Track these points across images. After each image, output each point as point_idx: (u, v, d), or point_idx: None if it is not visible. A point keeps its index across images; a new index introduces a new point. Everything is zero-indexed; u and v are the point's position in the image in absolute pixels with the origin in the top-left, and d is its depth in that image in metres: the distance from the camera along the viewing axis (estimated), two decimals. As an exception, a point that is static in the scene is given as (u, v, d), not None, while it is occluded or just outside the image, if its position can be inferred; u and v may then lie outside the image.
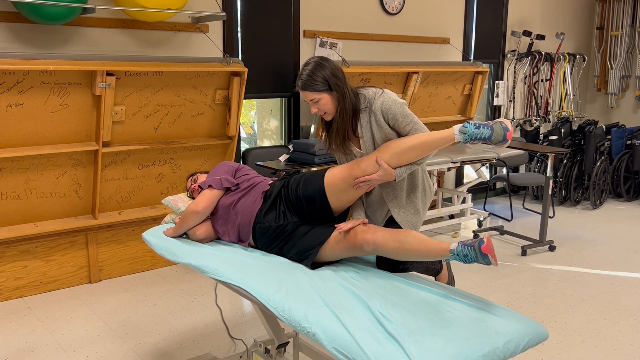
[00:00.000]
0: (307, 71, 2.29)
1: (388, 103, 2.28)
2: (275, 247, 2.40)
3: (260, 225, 2.41)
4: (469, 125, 2.07)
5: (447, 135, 2.14)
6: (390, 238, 2.13)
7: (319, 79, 2.27)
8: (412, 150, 2.19)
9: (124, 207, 4.14)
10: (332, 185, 2.29)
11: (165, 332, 3.31)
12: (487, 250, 1.89)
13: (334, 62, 2.35)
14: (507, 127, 2.01)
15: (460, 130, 2.09)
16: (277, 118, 5.18)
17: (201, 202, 2.50)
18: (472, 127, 2.06)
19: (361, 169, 2.24)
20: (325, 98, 2.29)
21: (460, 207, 5.42)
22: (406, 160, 2.21)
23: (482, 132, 2.04)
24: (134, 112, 3.89)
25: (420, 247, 2.06)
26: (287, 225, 2.35)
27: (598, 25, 7.46)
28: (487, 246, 1.89)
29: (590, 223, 5.78)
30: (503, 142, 2.02)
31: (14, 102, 3.45)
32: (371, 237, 2.16)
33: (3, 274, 3.72)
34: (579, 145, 6.51)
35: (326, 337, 1.77)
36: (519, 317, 1.93)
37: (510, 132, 2.01)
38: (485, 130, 2.04)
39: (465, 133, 2.06)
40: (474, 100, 5.82)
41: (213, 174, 2.61)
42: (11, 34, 3.62)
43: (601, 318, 3.54)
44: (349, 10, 5.14)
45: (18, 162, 3.60)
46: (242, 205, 2.49)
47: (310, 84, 2.27)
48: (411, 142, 2.19)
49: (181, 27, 4.23)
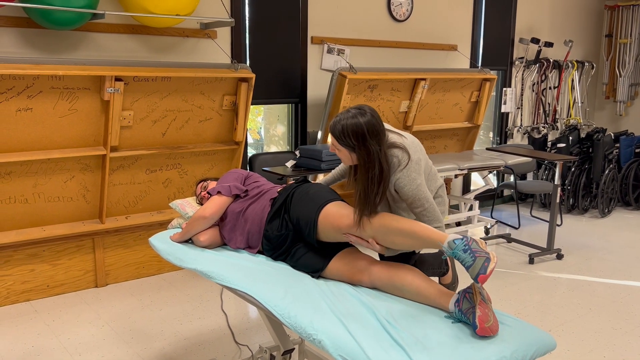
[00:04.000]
0: (343, 122, 2.14)
1: (403, 182, 2.18)
2: (279, 257, 2.40)
3: (266, 233, 2.41)
4: (459, 243, 1.89)
5: (437, 239, 1.96)
6: (387, 283, 2.09)
7: (347, 135, 2.12)
8: (400, 235, 2.03)
9: (131, 212, 4.15)
10: (324, 224, 2.22)
11: (170, 337, 3.30)
12: (482, 332, 1.77)
13: (375, 121, 2.14)
14: (486, 268, 1.82)
15: (449, 244, 1.91)
16: (284, 124, 5.19)
17: (209, 208, 2.50)
18: (461, 246, 1.87)
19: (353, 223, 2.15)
20: (344, 153, 2.19)
21: (467, 214, 5.40)
22: (390, 242, 2.07)
23: (464, 259, 1.85)
24: (142, 117, 3.90)
25: (418, 298, 2.02)
26: (289, 234, 2.34)
27: (607, 32, 7.44)
28: (481, 329, 1.77)
29: (599, 231, 5.74)
30: (475, 281, 1.83)
31: (23, 106, 3.47)
32: (368, 280, 2.14)
33: (10, 278, 3.74)
34: (587, 153, 6.47)
35: (332, 344, 1.76)
36: (526, 326, 1.91)
37: (484, 276, 1.80)
38: (469, 258, 1.84)
39: (452, 249, 1.89)
40: (481, 107, 5.81)
41: (222, 181, 2.61)
42: (21, 39, 3.65)
43: (610, 328, 3.51)
44: (356, 16, 5.15)
45: (26, 166, 3.62)
46: (252, 211, 2.49)
47: (338, 135, 2.16)
48: (403, 226, 2.03)
49: (189, 33, 4.25)
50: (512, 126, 6.76)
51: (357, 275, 2.16)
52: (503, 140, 6.75)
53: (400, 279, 2.06)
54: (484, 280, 1.80)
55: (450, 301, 1.94)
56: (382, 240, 2.09)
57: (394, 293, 2.09)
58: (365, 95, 4.89)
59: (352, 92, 4.75)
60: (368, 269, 2.15)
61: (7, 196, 3.63)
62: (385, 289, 2.12)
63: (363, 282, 2.16)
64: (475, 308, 1.82)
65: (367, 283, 2.15)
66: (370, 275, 2.13)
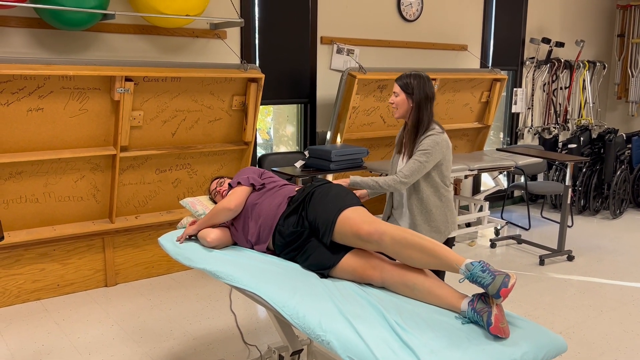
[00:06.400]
0: (408, 73, 2.79)
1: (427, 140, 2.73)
2: (290, 253, 2.39)
3: (279, 228, 2.40)
4: (477, 265, 1.92)
5: (455, 260, 1.98)
6: (399, 281, 2.07)
7: (406, 82, 2.76)
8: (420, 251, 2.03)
9: (141, 212, 4.16)
10: (343, 227, 2.22)
11: (180, 336, 3.31)
12: (496, 331, 1.76)
13: (430, 84, 2.80)
14: (507, 283, 1.84)
15: (467, 266, 1.94)
16: (294, 124, 5.18)
17: (234, 200, 2.51)
18: (479, 268, 1.91)
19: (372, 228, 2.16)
20: (402, 97, 2.78)
21: (477, 215, 5.37)
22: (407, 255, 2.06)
23: (483, 278, 1.87)
24: (151, 117, 3.92)
25: (429, 298, 2.00)
26: (304, 231, 2.34)
27: (619, 32, 7.37)
28: (495, 327, 1.76)
29: (610, 233, 5.69)
30: (496, 296, 1.84)
31: (34, 106, 3.50)
32: (379, 276, 2.12)
33: (21, 277, 3.76)
34: (599, 153, 6.42)
35: (341, 345, 1.75)
36: (536, 328, 1.89)
37: (506, 289, 1.83)
38: (488, 277, 1.87)
39: (470, 271, 1.92)
40: (491, 107, 5.77)
41: (240, 176, 2.63)
42: (33, 39, 3.68)
43: (621, 330, 3.47)
44: (366, 16, 5.14)
45: (37, 166, 3.65)
46: (267, 205, 2.50)
47: (401, 80, 2.77)
48: (424, 243, 2.03)
49: (199, 33, 4.26)
50: (523, 126, 6.72)
51: (369, 271, 2.14)
52: (513, 140, 6.71)
53: (412, 278, 2.05)
54: (506, 294, 1.83)
55: (464, 301, 1.93)
56: (398, 254, 2.08)
57: (404, 292, 2.07)
58: (374, 96, 4.88)
59: (362, 92, 4.74)
60: (381, 265, 2.13)
61: (18, 196, 3.65)
62: (395, 288, 2.10)
63: (374, 279, 2.13)
64: (491, 308, 1.81)
65: (377, 280, 2.13)
66: (383, 272, 2.11)
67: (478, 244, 5.26)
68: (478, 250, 5.06)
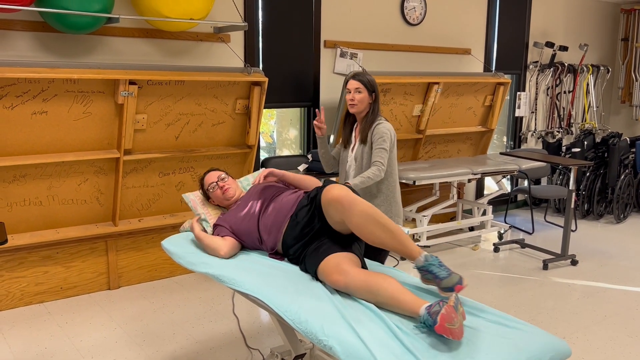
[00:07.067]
0: (361, 72, 3.15)
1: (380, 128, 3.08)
2: (298, 249, 2.37)
3: (292, 220, 2.41)
4: (435, 259, 2.07)
5: (414, 249, 2.10)
6: (363, 286, 2.04)
7: (368, 80, 3.10)
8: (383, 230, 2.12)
9: (144, 215, 4.17)
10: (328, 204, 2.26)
11: (182, 340, 3.31)
12: (441, 330, 1.75)
13: None
14: (462, 282, 2.00)
15: (426, 257, 2.08)
16: (297, 127, 5.19)
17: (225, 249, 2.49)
18: (437, 262, 2.07)
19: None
20: (364, 94, 3.08)
21: (480, 219, 5.36)
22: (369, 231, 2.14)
23: (438, 271, 2.03)
24: (155, 120, 3.92)
25: (392, 303, 1.99)
26: (315, 226, 2.34)
27: (623, 36, 7.36)
28: (440, 326, 1.75)
29: (614, 237, 5.67)
30: (449, 290, 1.99)
31: (39, 109, 3.51)
32: (343, 281, 2.09)
33: (24, 279, 3.77)
34: (603, 158, 6.40)
35: (343, 350, 1.75)
36: (540, 333, 1.89)
37: (461, 286, 2.00)
38: (443, 272, 2.03)
39: (428, 261, 2.06)
40: (495, 111, 5.77)
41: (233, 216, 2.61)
42: (37, 43, 3.69)
43: (625, 336, 3.46)
44: (369, 20, 5.15)
45: (41, 169, 3.66)
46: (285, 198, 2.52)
47: (362, 77, 3.09)
48: (390, 224, 2.13)
49: (203, 37, 4.27)
50: (526, 130, 6.71)
51: (335, 275, 2.11)
52: (517, 144, 6.70)
53: (376, 283, 2.02)
54: (460, 290, 2.00)
55: (423, 306, 1.89)
56: (361, 226, 2.13)
57: (367, 298, 2.03)
58: (378, 99, 4.88)
59: (365, 96, 4.74)
60: (347, 271, 2.10)
61: (22, 198, 3.66)
62: (357, 294, 2.05)
63: (338, 284, 2.09)
64: (442, 309, 1.78)
65: (341, 285, 2.09)
66: (347, 277, 2.08)
67: (481, 248, 5.25)
68: (481, 255, 5.05)
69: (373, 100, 3.13)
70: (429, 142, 5.59)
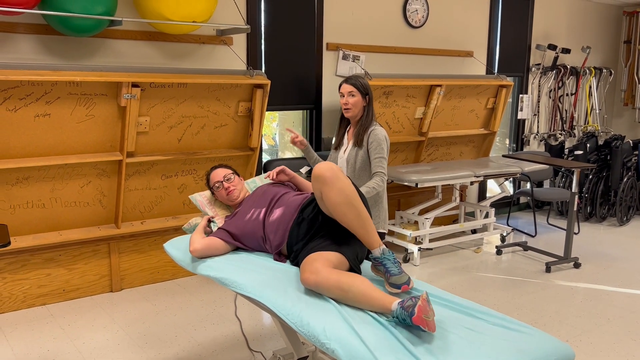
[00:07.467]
0: (354, 75, 3.20)
1: (377, 135, 3.15)
2: (302, 242, 2.37)
3: (298, 217, 2.42)
4: (392, 256, 2.15)
5: (376, 239, 2.18)
6: (334, 284, 2.03)
7: (361, 83, 3.15)
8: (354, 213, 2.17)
9: (147, 217, 4.17)
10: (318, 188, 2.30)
11: (184, 342, 3.31)
12: (418, 321, 1.79)
13: None
14: (409, 282, 2.09)
15: (384, 250, 2.16)
16: (299, 130, 5.19)
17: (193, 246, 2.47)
18: (392, 258, 2.14)
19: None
20: (358, 97, 3.15)
21: (483, 221, 5.36)
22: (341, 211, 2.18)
23: (391, 267, 2.11)
24: (158, 123, 3.93)
25: (362, 300, 1.99)
26: (318, 222, 2.35)
27: (625, 39, 7.36)
28: (418, 317, 1.79)
29: (617, 240, 5.66)
30: (396, 287, 2.07)
31: (42, 112, 3.52)
32: (314, 280, 2.06)
33: (27, 282, 3.77)
34: (605, 160, 6.39)
35: (345, 353, 1.75)
36: (543, 336, 1.88)
37: (408, 287, 2.08)
38: (395, 269, 2.10)
39: (384, 255, 2.14)
40: (497, 113, 5.77)
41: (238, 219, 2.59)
42: (40, 45, 3.70)
43: (629, 339, 3.45)
44: (372, 23, 5.15)
45: (44, 171, 3.66)
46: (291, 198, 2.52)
47: (355, 81, 3.15)
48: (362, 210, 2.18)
49: (206, 40, 4.27)
50: (529, 133, 6.70)
51: (305, 274, 2.09)
52: (519, 147, 6.69)
53: (347, 281, 2.02)
54: (406, 290, 2.07)
55: (395, 302, 1.91)
56: (336, 204, 2.16)
57: (337, 296, 2.02)
58: (380, 102, 4.88)
59: (367, 98, 4.74)
60: (319, 270, 2.08)
61: (25, 201, 3.67)
62: (328, 292, 2.04)
63: (309, 283, 2.07)
64: (417, 301, 1.82)
65: (311, 284, 2.06)
66: (318, 276, 2.06)
67: (484, 251, 5.24)
68: (484, 257, 5.04)
69: (367, 103, 3.19)
70: (431, 144, 5.59)
